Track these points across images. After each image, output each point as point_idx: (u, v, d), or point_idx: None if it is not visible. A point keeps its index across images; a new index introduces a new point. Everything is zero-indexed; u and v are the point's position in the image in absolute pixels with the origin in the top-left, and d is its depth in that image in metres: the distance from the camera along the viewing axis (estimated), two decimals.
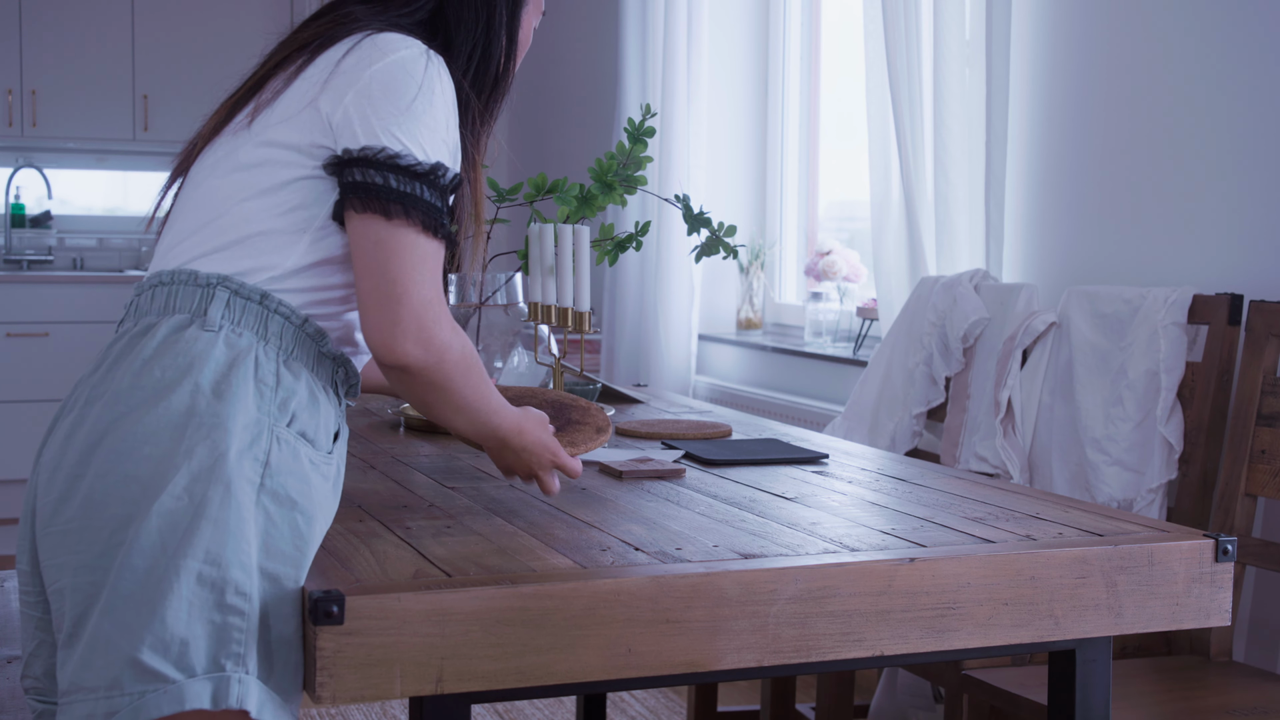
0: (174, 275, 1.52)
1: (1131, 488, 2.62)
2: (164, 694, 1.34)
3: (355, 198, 1.49)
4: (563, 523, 1.69)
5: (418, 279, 1.48)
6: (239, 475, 1.40)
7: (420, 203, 1.49)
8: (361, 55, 1.53)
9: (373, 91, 1.51)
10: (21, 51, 5.99)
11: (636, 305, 4.64)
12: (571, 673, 1.40)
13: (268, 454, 1.44)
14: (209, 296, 1.50)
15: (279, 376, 1.49)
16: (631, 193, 2.63)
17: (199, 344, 1.46)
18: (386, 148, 1.49)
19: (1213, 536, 1.66)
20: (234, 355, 1.47)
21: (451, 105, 1.56)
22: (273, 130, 1.54)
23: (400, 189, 1.49)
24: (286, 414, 1.48)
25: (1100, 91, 3.01)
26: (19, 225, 6.28)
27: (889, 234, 3.53)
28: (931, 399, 3.13)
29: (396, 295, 1.47)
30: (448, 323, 1.51)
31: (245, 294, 1.50)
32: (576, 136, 5.55)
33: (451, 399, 1.56)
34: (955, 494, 1.92)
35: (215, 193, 1.55)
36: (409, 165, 1.50)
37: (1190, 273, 2.78)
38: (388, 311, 1.47)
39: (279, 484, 1.44)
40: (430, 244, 1.50)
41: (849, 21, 4.22)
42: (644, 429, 2.40)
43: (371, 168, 1.49)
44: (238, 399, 1.44)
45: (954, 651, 1.56)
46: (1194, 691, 2.28)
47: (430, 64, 1.54)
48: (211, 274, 1.51)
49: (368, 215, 1.48)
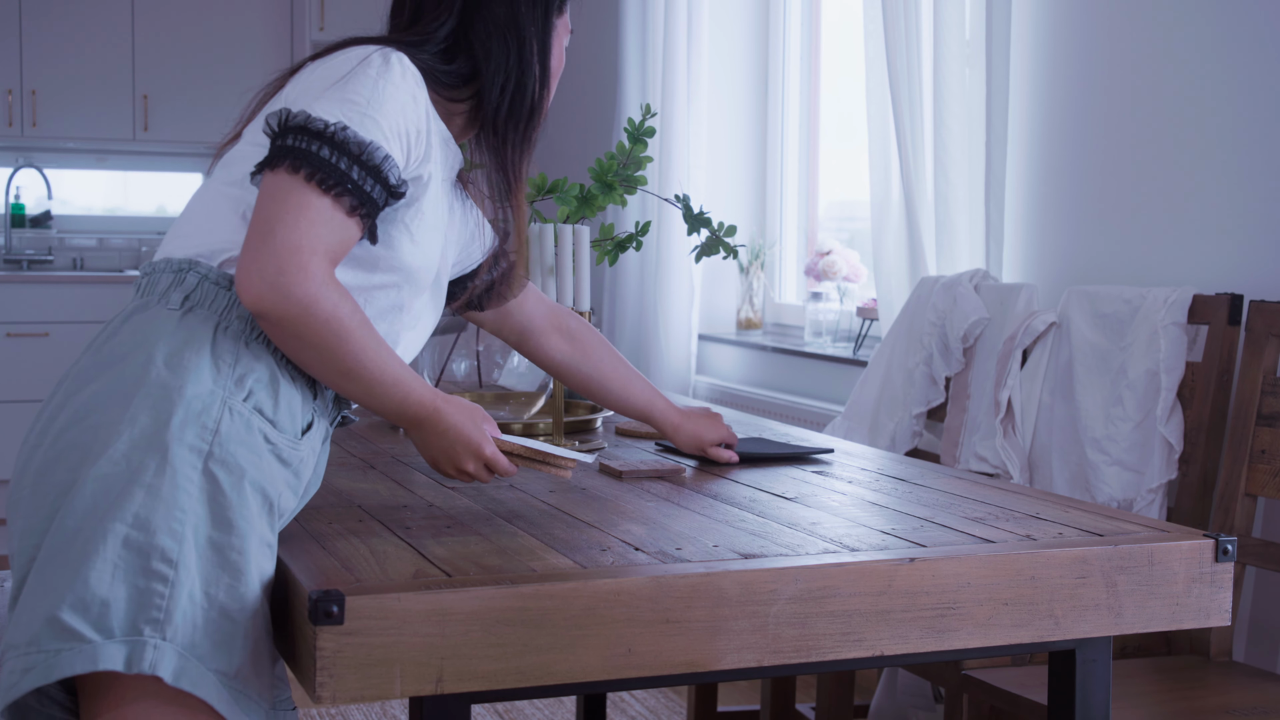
0: (154, 265, 1.57)
1: (1131, 488, 2.62)
2: (78, 653, 1.33)
3: (261, 160, 1.52)
4: (563, 523, 1.69)
5: (290, 224, 1.45)
6: (179, 443, 1.41)
7: (312, 158, 1.47)
8: (328, 57, 1.58)
9: (312, 76, 1.55)
10: (21, 51, 5.99)
11: (636, 305, 4.64)
12: (571, 673, 1.40)
13: (218, 423, 1.44)
14: (179, 280, 1.52)
15: (238, 354, 1.49)
16: (631, 193, 2.63)
17: (159, 321, 1.49)
18: (287, 110, 1.51)
19: (1213, 536, 1.66)
20: (192, 333, 1.48)
21: (400, 90, 1.54)
22: (252, 131, 1.60)
23: (295, 145, 1.48)
24: (243, 390, 1.48)
25: (1100, 91, 3.01)
26: (19, 225, 6.27)
27: (889, 234, 3.53)
28: (931, 399, 3.13)
29: (262, 234, 1.45)
30: (320, 278, 1.45)
31: (214, 277, 1.52)
32: (576, 136, 5.55)
33: (330, 359, 1.49)
34: (955, 494, 1.92)
35: (205, 190, 1.61)
36: (303, 124, 1.49)
37: (1190, 273, 2.78)
38: (250, 251, 1.44)
39: (228, 453, 1.43)
40: (319, 200, 1.47)
41: (849, 21, 4.22)
42: (644, 429, 2.40)
43: (279, 135, 1.50)
44: (190, 370, 1.45)
45: (954, 651, 1.56)
46: (1194, 691, 2.28)
47: (376, 55, 1.55)
48: (183, 259, 1.53)
49: (263, 174, 1.50)
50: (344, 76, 1.52)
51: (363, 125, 1.50)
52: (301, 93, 1.53)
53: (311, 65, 1.59)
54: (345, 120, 1.49)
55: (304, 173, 1.47)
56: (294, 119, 1.50)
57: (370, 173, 1.50)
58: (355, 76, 1.52)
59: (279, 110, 1.51)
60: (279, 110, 1.51)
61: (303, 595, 1.37)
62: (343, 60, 1.55)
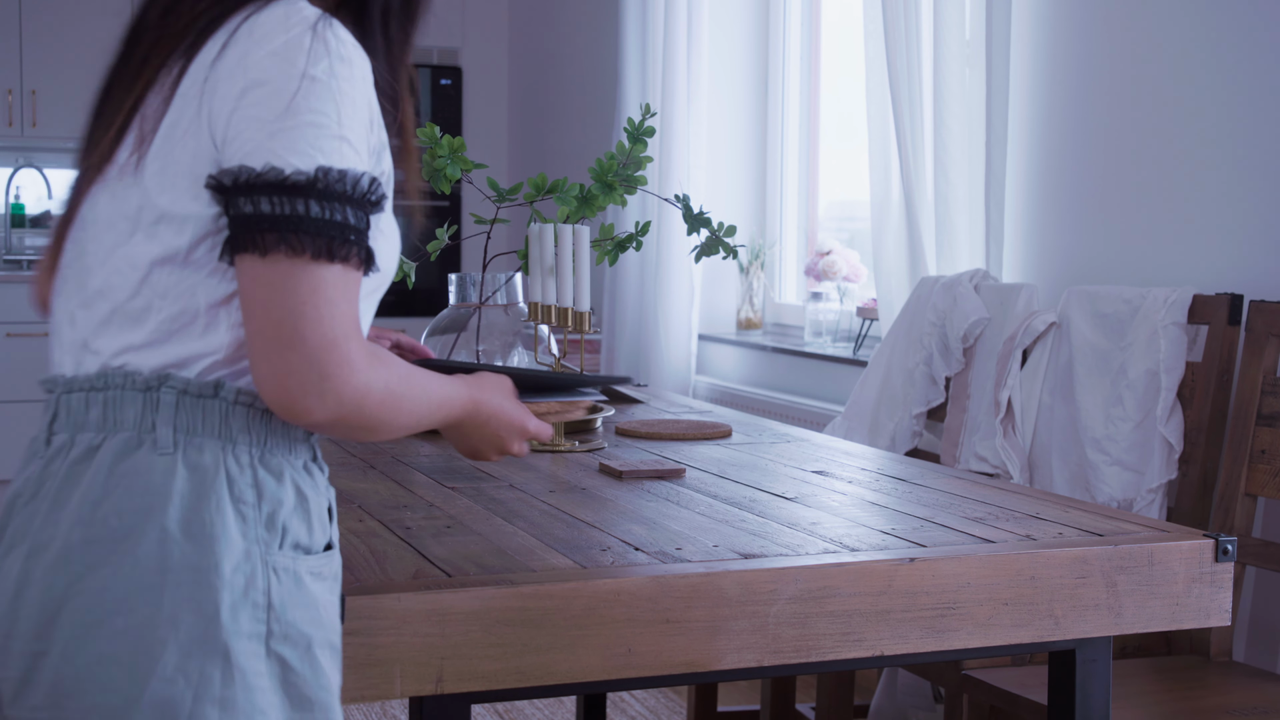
0: (105, 378, 1.25)
1: (1131, 488, 2.62)
2: None
3: (233, 238, 1.21)
4: (563, 523, 1.69)
5: (313, 318, 1.18)
6: (238, 636, 1.19)
7: (306, 223, 1.19)
8: (236, 53, 1.24)
9: (244, 101, 1.22)
10: (21, 51, 5.99)
11: (636, 305, 4.64)
12: (571, 673, 1.40)
13: (268, 595, 1.22)
14: (153, 403, 1.23)
15: (259, 486, 1.25)
16: (631, 193, 2.63)
17: (155, 474, 1.22)
18: (246, 166, 1.20)
19: (1213, 536, 1.66)
20: (200, 479, 1.22)
21: (354, 78, 1.25)
22: (166, 174, 1.25)
23: (277, 212, 1.19)
24: (276, 532, 1.24)
25: (1100, 91, 3.01)
26: (19, 225, 6.28)
27: (889, 234, 3.53)
28: (931, 399, 3.13)
29: (286, 342, 1.18)
30: (360, 360, 1.21)
31: (195, 390, 1.24)
32: (576, 136, 5.55)
33: (390, 429, 1.29)
34: (955, 494, 1.92)
35: (120, 258, 1.26)
36: (279, 180, 1.19)
37: (1190, 273, 2.78)
38: (278, 361, 1.18)
39: (288, 625, 1.23)
40: (328, 272, 1.20)
41: (849, 21, 4.22)
42: (644, 429, 2.40)
43: (242, 195, 1.20)
44: (217, 536, 1.21)
45: (954, 651, 1.56)
46: (1194, 691, 2.28)
47: (317, 41, 1.23)
48: (151, 373, 1.24)
49: (243, 255, 1.20)
50: (295, 95, 1.21)
51: (340, 154, 1.22)
52: (247, 127, 1.21)
53: (226, 65, 1.24)
54: (323, 159, 1.21)
55: (308, 251, 1.19)
56: (262, 177, 1.20)
57: (360, 206, 1.24)
58: (309, 90, 1.22)
59: (233, 169, 1.20)
60: (233, 169, 1.20)
61: None
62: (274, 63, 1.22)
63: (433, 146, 2.53)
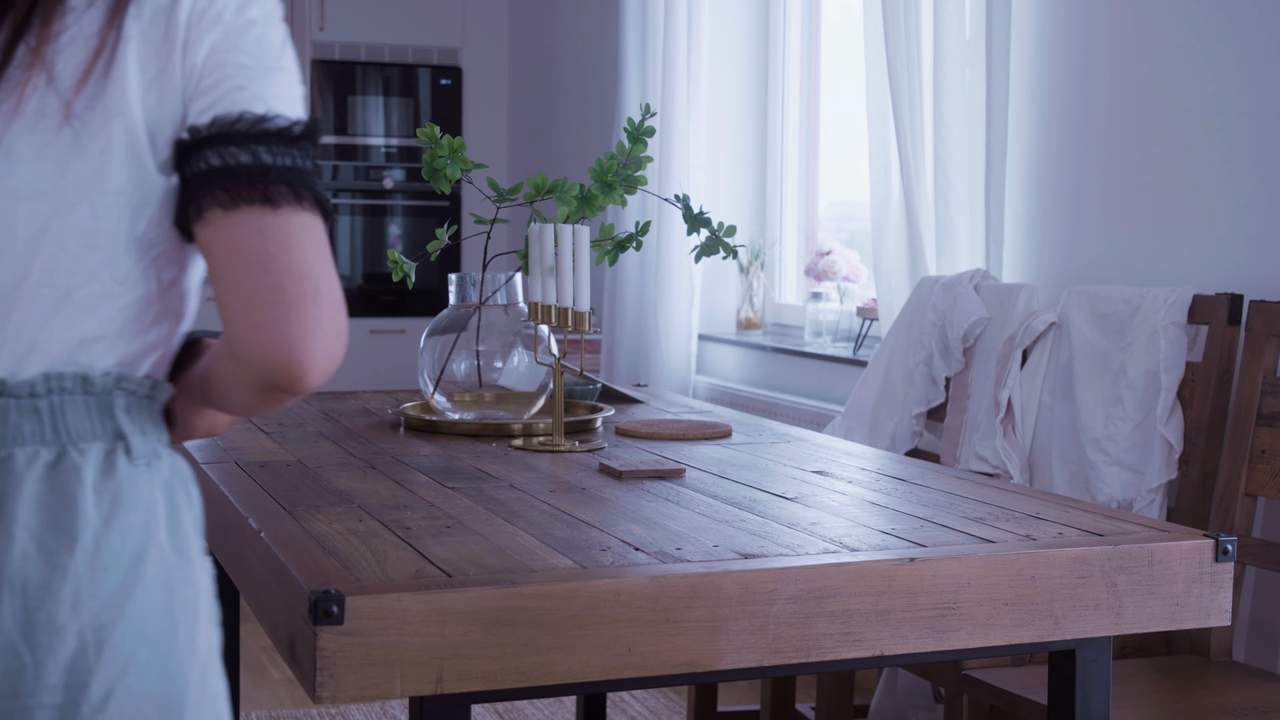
0: (49, 380, 1.11)
1: (1131, 488, 2.62)
2: None
3: (220, 189, 1.09)
4: (563, 523, 1.69)
5: (329, 274, 1.10)
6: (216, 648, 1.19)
7: (305, 176, 1.11)
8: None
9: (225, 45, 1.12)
10: None
11: (636, 305, 4.64)
12: (571, 673, 1.40)
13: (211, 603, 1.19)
14: (106, 408, 1.13)
15: (190, 496, 1.19)
16: (631, 193, 2.63)
17: (140, 486, 1.14)
18: (248, 111, 1.10)
19: (1213, 536, 1.66)
20: (166, 485, 1.16)
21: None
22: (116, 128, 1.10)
23: (277, 163, 1.10)
24: (201, 531, 1.20)
25: (1100, 91, 3.01)
26: None
27: (889, 234, 3.53)
28: (931, 399, 3.13)
29: (310, 295, 1.08)
30: None
31: (144, 391, 1.16)
32: (576, 136, 5.55)
33: None
34: (955, 494, 1.92)
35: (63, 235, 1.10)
36: (283, 129, 1.11)
37: (1190, 273, 2.78)
38: (300, 318, 1.08)
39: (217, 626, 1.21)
40: (322, 225, 1.12)
41: (849, 21, 4.22)
42: (644, 429, 2.40)
43: (233, 144, 1.09)
44: (193, 544, 1.17)
45: (954, 651, 1.56)
46: (1194, 691, 2.28)
47: None
48: (103, 374, 1.13)
49: (245, 208, 1.09)
50: (283, 43, 1.14)
51: (306, 101, 1.15)
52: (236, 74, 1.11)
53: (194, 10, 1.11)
54: (304, 110, 1.14)
55: (308, 203, 1.11)
56: (268, 123, 1.11)
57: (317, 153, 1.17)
58: (285, 37, 1.15)
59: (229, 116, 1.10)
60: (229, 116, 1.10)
61: (303, 595, 1.37)
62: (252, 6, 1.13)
63: (433, 146, 2.53)
